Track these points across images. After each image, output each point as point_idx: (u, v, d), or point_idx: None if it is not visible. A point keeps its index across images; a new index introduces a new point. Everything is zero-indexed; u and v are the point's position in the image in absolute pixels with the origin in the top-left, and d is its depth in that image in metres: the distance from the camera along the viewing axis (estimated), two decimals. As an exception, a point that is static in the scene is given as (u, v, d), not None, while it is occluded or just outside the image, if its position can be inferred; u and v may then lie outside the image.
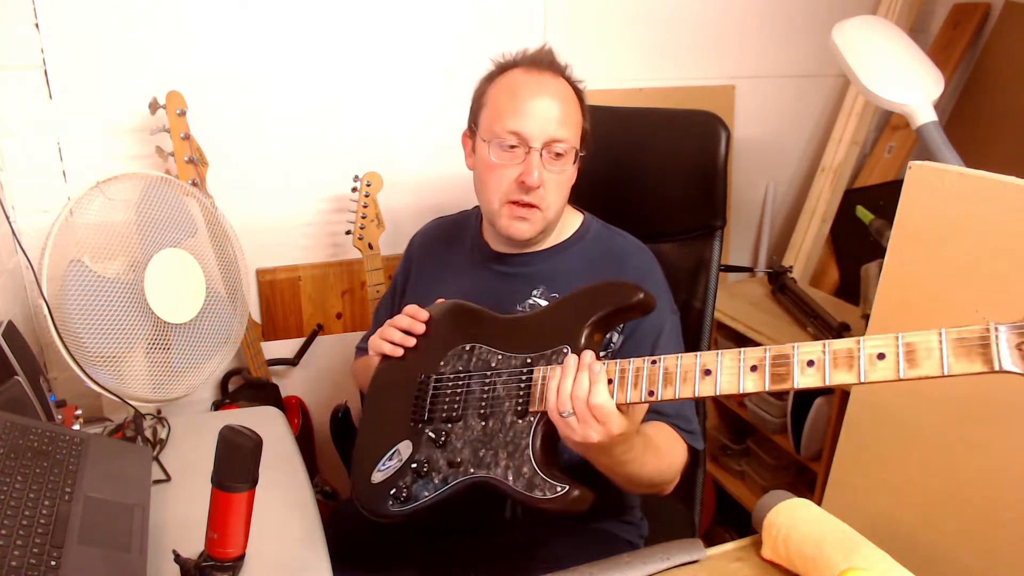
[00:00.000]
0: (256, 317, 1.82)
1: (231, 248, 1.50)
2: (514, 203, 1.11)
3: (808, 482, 1.93)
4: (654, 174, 1.41)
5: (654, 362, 0.84)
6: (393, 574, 1.15)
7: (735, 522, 2.12)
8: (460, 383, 1.03)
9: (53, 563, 0.79)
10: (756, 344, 1.91)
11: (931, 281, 1.28)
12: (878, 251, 1.54)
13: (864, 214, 1.88)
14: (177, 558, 0.80)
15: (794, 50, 2.20)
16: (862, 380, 0.69)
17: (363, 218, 1.70)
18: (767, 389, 0.76)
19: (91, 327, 1.24)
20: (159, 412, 1.33)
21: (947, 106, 2.21)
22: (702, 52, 2.10)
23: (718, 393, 0.79)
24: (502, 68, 1.15)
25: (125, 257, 1.33)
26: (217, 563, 0.78)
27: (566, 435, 0.88)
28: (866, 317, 1.46)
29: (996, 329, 0.64)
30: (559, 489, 0.87)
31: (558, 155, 1.09)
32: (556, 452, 0.94)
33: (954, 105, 2.22)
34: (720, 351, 0.80)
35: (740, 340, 1.99)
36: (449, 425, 1.00)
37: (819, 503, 0.91)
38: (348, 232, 1.72)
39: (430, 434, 1.01)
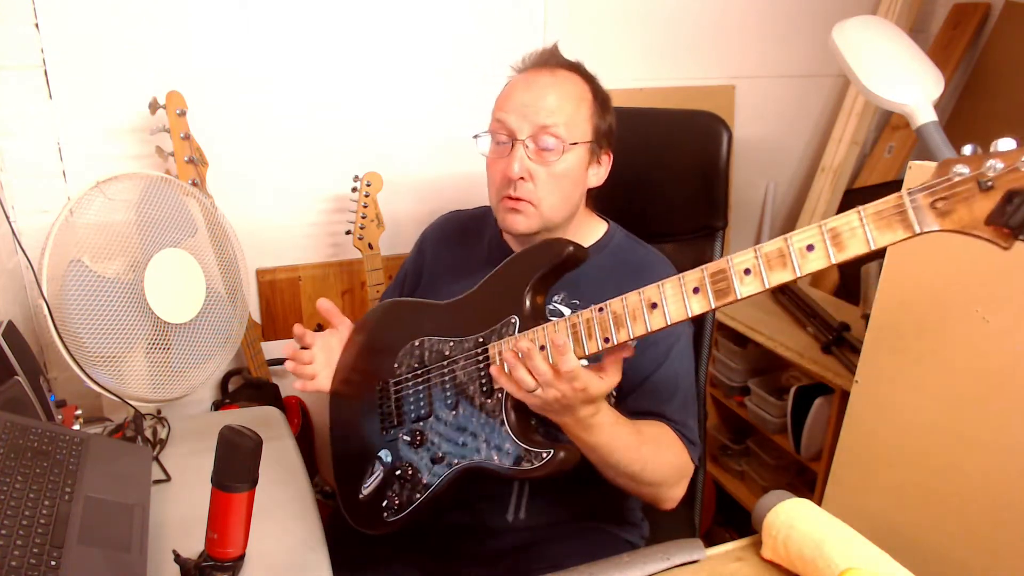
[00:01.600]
0: (256, 317, 1.82)
1: (231, 248, 1.50)
2: (507, 197, 1.09)
3: (808, 482, 1.93)
4: (655, 175, 1.41)
5: (601, 309, 0.86)
6: (394, 575, 1.16)
7: (735, 522, 2.12)
8: (419, 379, 1.03)
9: (53, 563, 0.79)
10: (757, 344, 1.91)
11: (931, 281, 1.28)
12: (878, 251, 1.54)
13: (864, 214, 1.87)
14: (177, 558, 0.80)
15: (794, 50, 2.20)
16: (798, 274, 0.72)
17: (363, 218, 1.70)
18: (713, 306, 0.77)
19: (91, 327, 1.24)
20: (159, 412, 1.33)
21: (947, 106, 2.21)
22: (702, 52, 2.10)
23: (669, 322, 0.80)
24: (517, 71, 1.15)
25: (125, 257, 1.33)
26: (217, 563, 0.78)
27: (536, 405, 0.89)
28: (866, 317, 1.46)
29: (909, 193, 0.66)
30: (545, 455, 0.89)
31: (545, 149, 1.06)
32: (530, 420, 0.95)
33: (954, 105, 2.22)
34: (660, 282, 0.81)
35: (740, 340, 1.99)
36: (421, 423, 1.00)
37: (819, 503, 0.91)
38: (348, 232, 1.72)
39: (404, 437, 1.01)
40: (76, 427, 1.17)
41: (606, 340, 0.85)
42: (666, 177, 1.40)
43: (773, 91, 2.23)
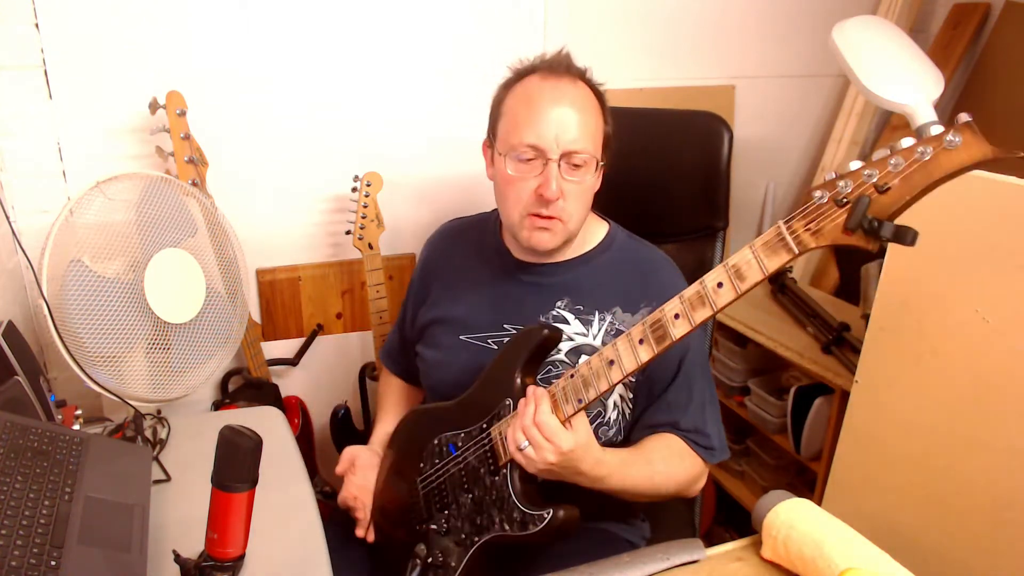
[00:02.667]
0: (256, 317, 1.82)
1: (231, 248, 1.50)
2: (535, 215, 1.08)
3: (808, 482, 1.93)
4: (656, 175, 1.41)
5: (572, 375, 0.96)
6: (393, 574, 1.16)
7: (735, 522, 2.12)
8: (440, 473, 1.10)
9: (53, 563, 0.79)
10: (757, 344, 1.91)
11: (931, 281, 1.28)
12: (878, 251, 1.54)
13: (864, 214, 1.87)
14: (177, 558, 0.79)
15: (794, 50, 2.20)
16: (715, 309, 0.85)
17: (363, 218, 1.70)
18: (657, 352, 0.89)
19: (91, 327, 1.24)
20: (159, 412, 1.33)
21: (947, 106, 2.21)
22: (702, 52, 2.10)
23: (625, 375, 0.92)
24: (519, 75, 1.11)
25: (125, 257, 1.33)
26: (217, 563, 0.78)
27: (530, 468, 0.96)
28: (866, 317, 1.46)
29: (784, 224, 0.78)
30: (546, 516, 0.96)
31: (576, 166, 1.06)
32: (536, 487, 1.02)
33: (954, 105, 2.22)
34: (614, 341, 0.93)
35: (740, 340, 1.99)
36: (446, 512, 1.08)
37: (819, 503, 0.91)
38: (348, 232, 1.72)
39: (434, 527, 1.09)
40: (76, 427, 1.17)
41: (579, 401, 0.95)
42: (667, 178, 1.40)
43: (773, 91, 2.23)
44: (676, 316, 0.87)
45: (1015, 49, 2.08)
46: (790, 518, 0.88)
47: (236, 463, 0.76)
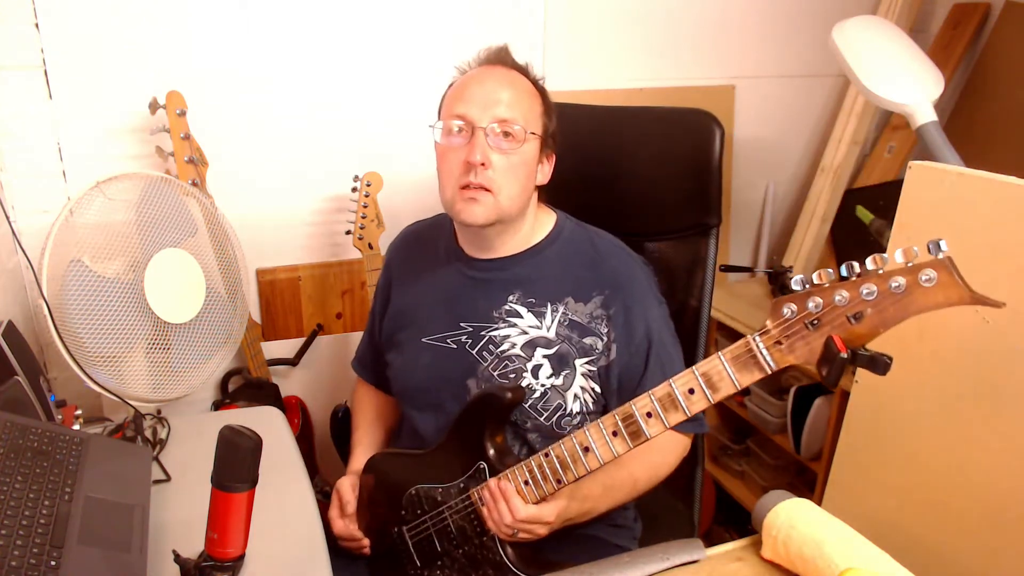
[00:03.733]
0: (256, 317, 1.82)
1: (231, 248, 1.50)
2: (464, 187, 1.08)
3: (808, 482, 1.93)
4: (649, 173, 1.41)
5: (547, 455, 0.99)
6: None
7: (735, 522, 2.12)
8: (425, 525, 1.13)
9: (53, 563, 0.79)
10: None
11: (931, 281, 1.28)
12: (878, 251, 1.54)
13: (864, 214, 1.88)
14: (177, 558, 0.79)
15: (794, 50, 2.20)
16: (688, 414, 0.84)
17: (363, 218, 1.70)
18: (631, 446, 0.91)
19: (91, 327, 1.24)
20: (159, 412, 1.33)
21: (947, 106, 2.21)
22: (702, 52, 2.10)
23: (602, 463, 0.95)
24: (460, 72, 1.16)
25: (125, 257, 1.33)
26: (217, 563, 0.78)
27: (525, 540, 1.03)
28: (866, 317, 1.46)
29: (754, 340, 0.75)
30: None
31: (506, 133, 1.07)
32: (527, 547, 1.05)
33: (954, 105, 2.22)
34: (587, 427, 0.95)
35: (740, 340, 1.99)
36: (440, 561, 1.12)
37: (819, 503, 0.91)
38: (348, 232, 1.72)
39: None
40: (76, 427, 1.17)
41: (558, 481, 0.99)
42: (659, 175, 1.40)
43: (773, 91, 2.23)
44: (648, 415, 0.88)
45: (1015, 49, 2.08)
46: (790, 518, 0.88)
47: (236, 463, 0.76)
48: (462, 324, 1.17)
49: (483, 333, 1.15)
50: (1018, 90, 2.06)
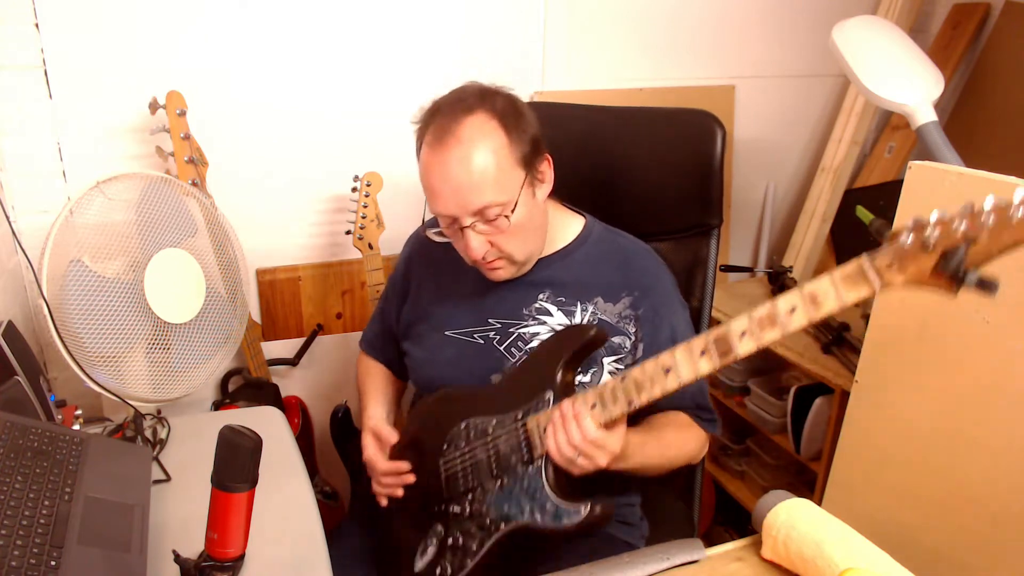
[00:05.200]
0: (256, 317, 1.82)
1: (231, 248, 1.50)
2: (481, 262, 1.11)
3: (808, 482, 1.93)
4: (650, 173, 1.41)
5: (623, 379, 0.95)
6: (393, 574, 1.16)
7: (735, 522, 2.12)
8: (466, 456, 1.09)
9: (53, 563, 0.79)
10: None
11: (931, 281, 1.28)
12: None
13: (864, 214, 1.87)
14: (177, 558, 0.79)
15: (794, 50, 2.20)
16: (786, 332, 0.84)
17: (363, 218, 1.70)
18: (719, 366, 0.89)
19: (91, 327, 1.24)
20: (159, 412, 1.33)
21: (947, 106, 2.21)
22: (702, 52, 2.10)
23: (681, 384, 0.91)
24: (420, 136, 1.12)
25: (125, 257, 1.33)
26: (217, 563, 0.78)
27: (576, 472, 0.98)
28: (866, 317, 1.46)
29: (866, 259, 0.79)
30: (583, 510, 0.97)
31: (493, 217, 1.05)
32: (568, 480, 1.01)
33: (954, 105, 2.22)
34: (672, 349, 0.92)
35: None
36: (470, 496, 1.08)
37: (819, 503, 0.91)
38: (348, 232, 1.72)
39: (455, 510, 1.09)
40: (76, 427, 1.17)
41: (630, 403, 0.95)
42: (661, 176, 1.40)
43: (773, 91, 2.23)
44: (743, 334, 0.86)
45: (1015, 49, 2.08)
46: (790, 518, 0.88)
47: (236, 463, 0.76)
48: (490, 320, 1.18)
49: (512, 330, 1.16)
50: (1018, 90, 2.06)
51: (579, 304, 1.15)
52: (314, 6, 1.67)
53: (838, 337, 1.76)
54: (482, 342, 1.17)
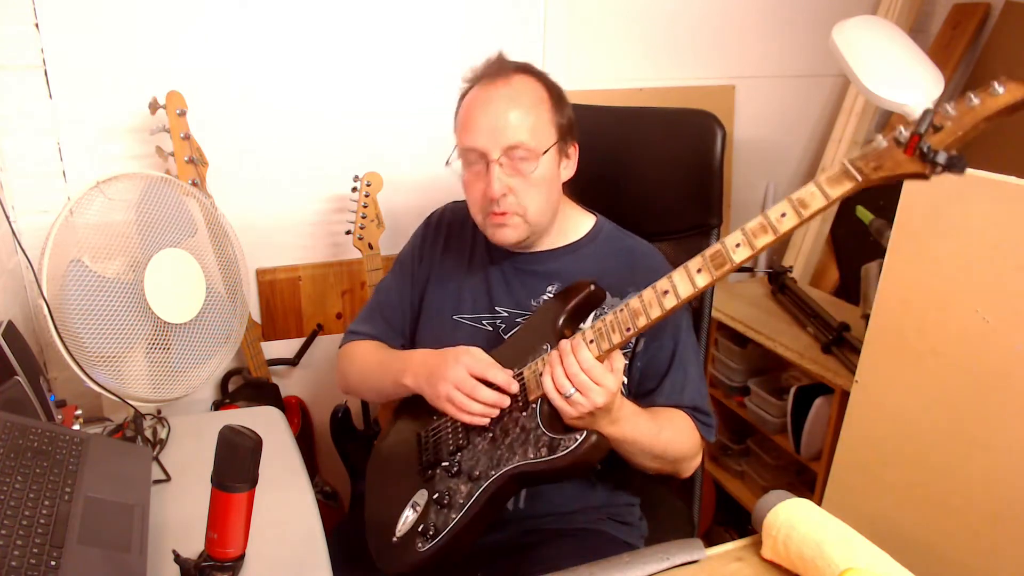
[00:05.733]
0: (256, 317, 1.82)
1: (231, 248, 1.50)
2: (492, 213, 1.12)
3: (808, 482, 1.93)
4: (651, 173, 1.41)
5: (621, 309, 0.96)
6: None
7: (735, 522, 2.12)
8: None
9: (53, 563, 0.79)
10: (757, 344, 1.91)
11: (931, 281, 1.28)
12: (878, 251, 1.54)
13: (864, 214, 1.87)
14: (177, 558, 0.79)
15: (794, 50, 2.20)
16: (777, 235, 0.90)
17: (363, 218, 1.70)
18: (715, 278, 0.91)
19: (91, 327, 1.24)
20: (159, 412, 1.33)
21: (947, 106, 2.21)
22: (702, 52, 2.10)
23: (680, 300, 0.92)
24: (468, 87, 1.16)
25: (125, 257, 1.33)
26: (217, 563, 0.78)
27: (572, 414, 0.95)
28: (866, 317, 1.46)
29: (847, 161, 0.86)
30: (578, 437, 0.95)
31: (521, 159, 1.09)
32: (564, 427, 0.99)
33: (954, 105, 2.22)
34: (668, 274, 0.93)
35: (740, 340, 1.99)
36: (459, 453, 1.06)
37: (819, 503, 0.91)
38: (348, 232, 1.72)
39: (442, 470, 1.06)
40: (76, 427, 1.17)
41: (628, 329, 0.95)
42: (661, 176, 1.41)
43: (773, 91, 2.23)
44: (737, 245, 0.90)
45: (1015, 49, 2.08)
46: (790, 518, 0.88)
47: (236, 463, 0.76)
48: (497, 308, 1.19)
49: (519, 320, 1.17)
50: (1018, 90, 2.06)
51: None
52: (314, 6, 1.67)
53: (838, 337, 1.76)
54: (490, 329, 1.19)
